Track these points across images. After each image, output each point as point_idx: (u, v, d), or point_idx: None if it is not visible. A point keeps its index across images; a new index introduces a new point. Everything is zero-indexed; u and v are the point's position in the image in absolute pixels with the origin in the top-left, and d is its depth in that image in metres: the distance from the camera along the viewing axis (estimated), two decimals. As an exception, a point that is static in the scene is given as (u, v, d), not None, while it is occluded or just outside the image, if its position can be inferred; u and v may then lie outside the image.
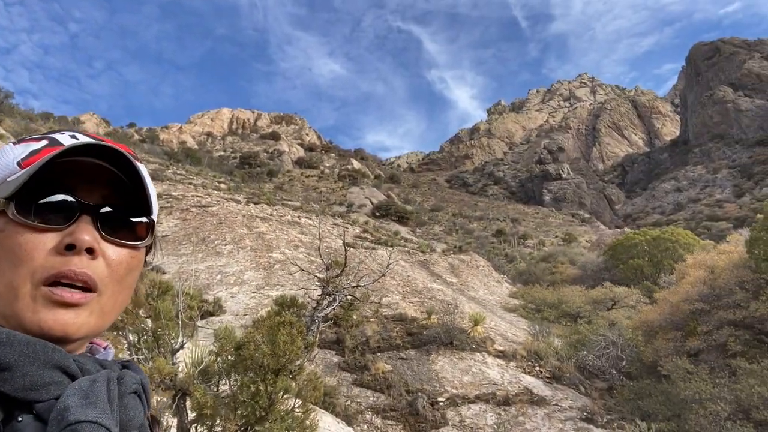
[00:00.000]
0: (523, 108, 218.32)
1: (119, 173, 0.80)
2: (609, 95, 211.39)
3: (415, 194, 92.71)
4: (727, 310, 12.49)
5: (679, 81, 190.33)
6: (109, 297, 0.76)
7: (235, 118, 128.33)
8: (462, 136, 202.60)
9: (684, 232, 27.33)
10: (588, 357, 13.57)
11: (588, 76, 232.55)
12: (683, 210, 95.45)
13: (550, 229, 77.00)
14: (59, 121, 55.27)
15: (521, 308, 21.22)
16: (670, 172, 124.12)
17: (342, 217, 37.49)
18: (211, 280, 16.82)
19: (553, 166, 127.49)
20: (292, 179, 70.21)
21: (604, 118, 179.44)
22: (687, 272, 15.18)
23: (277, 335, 3.51)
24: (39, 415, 0.65)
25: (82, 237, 0.73)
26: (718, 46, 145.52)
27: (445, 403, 10.97)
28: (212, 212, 24.03)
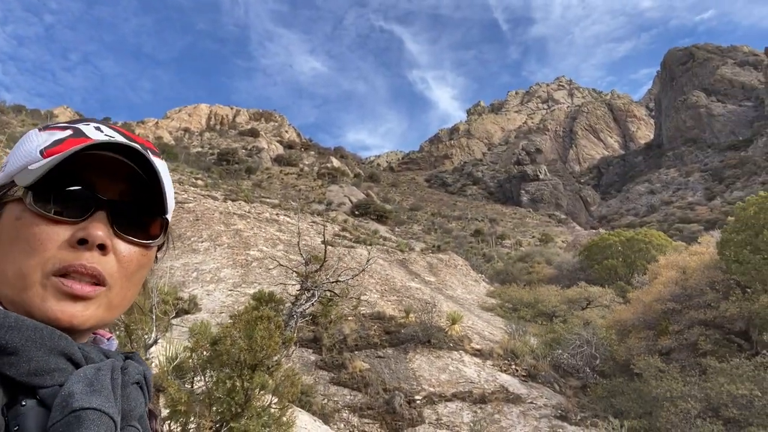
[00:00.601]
0: (502, 109, 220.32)
1: (138, 170, 0.79)
2: (586, 98, 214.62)
3: (394, 193, 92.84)
4: (698, 309, 12.79)
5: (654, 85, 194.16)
6: (117, 292, 0.76)
7: (213, 114, 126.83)
8: (442, 136, 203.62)
9: (657, 234, 27.88)
10: (563, 356, 13.76)
11: (566, 79, 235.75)
12: (656, 212, 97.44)
13: (527, 229, 77.84)
14: (32, 114, 53.95)
15: (498, 307, 21.41)
16: (644, 175, 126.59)
17: (321, 215, 37.36)
18: (187, 278, 16.60)
19: (530, 167, 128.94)
20: (270, 177, 69.64)
21: (581, 120, 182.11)
22: (659, 272, 15.50)
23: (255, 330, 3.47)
24: (42, 401, 0.65)
25: (95, 233, 0.73)
26: (693, 52, 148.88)
27: (422, 401, 11.00)
28: (189, 209, 23.71)
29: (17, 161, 0.78)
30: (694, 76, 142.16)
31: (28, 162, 0.76)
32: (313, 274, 12.25)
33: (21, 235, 0.72)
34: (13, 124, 37.07)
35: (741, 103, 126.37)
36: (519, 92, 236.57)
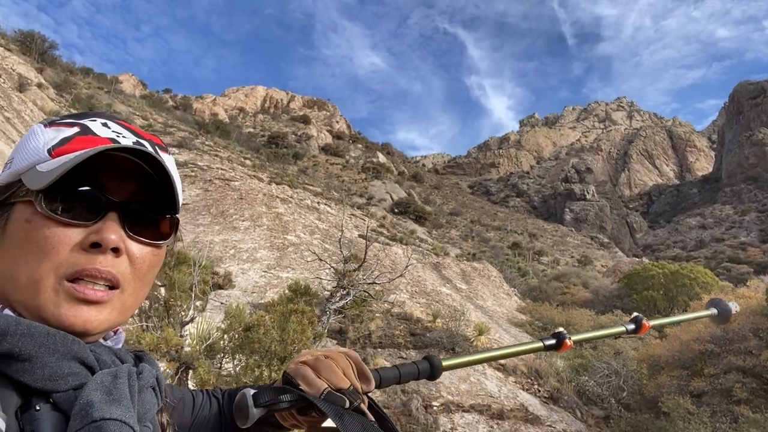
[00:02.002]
0: (556, 124, 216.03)
1: (149, 169, 0.79)
2: (646, 122, 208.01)
3: (436, 196, 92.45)
4: (737, 355, 12.23)
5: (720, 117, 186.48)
6: (130, 293, 0.75)
7: (268, 96, 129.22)
8: (491, 144, 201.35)
9: (703, 271, 26.80)
10: (589, 383, 13.41)
11: (627, 101, 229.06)
12: (705, 248, 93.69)
13: (566, 248, 76.22)
14: (98, 78, 56.14)
15: (528, 324, 21.04)
16: (697, 208, 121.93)
17: (361, 209, 37.57)
18: (225, 254, 16.99)
19: (578, 186, 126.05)
20: (316, 164, 70.47)
21: (638, 144, 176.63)
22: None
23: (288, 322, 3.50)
24: (57, 405, 0.65)
25: (109, 236, 0.72)
26: (765, 87, 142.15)
27: (439, 408, 10.94)
28: (234, 187, 24.24)
29: (24, 159, 0.76)
30: (763, 112, 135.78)
31: (36, 161, 0.74)
32: (351, 273, 12.32)
33: (32, 239, 0.71)
34: (79, 85, 38.67)
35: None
36: (576, 108, 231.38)
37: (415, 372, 1.00)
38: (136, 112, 42.93)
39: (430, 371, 1.02)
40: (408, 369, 0.99)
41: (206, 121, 68.98)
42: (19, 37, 33.80)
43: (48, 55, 38.00)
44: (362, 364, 0.88)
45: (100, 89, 45.99)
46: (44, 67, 31.80)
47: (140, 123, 37.62)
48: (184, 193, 22.36)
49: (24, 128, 14.93)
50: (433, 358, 1.02)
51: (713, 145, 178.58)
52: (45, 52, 37.33)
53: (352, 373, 0.85)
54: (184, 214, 20.12)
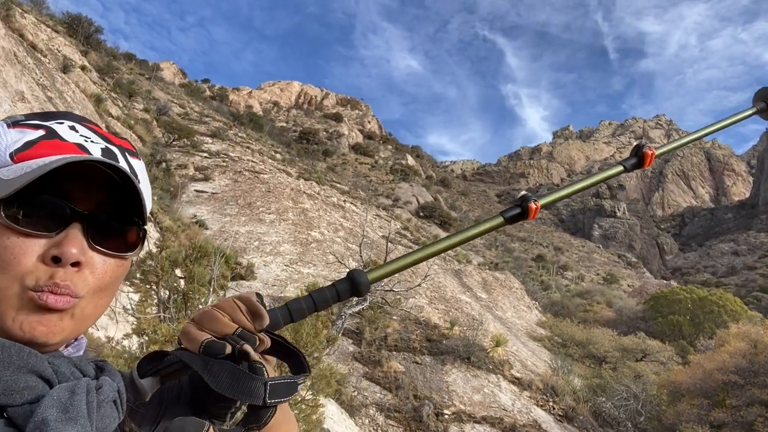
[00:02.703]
0: (591, 138, 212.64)
1: (116, 177, 0.75)
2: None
3: (462, 202, 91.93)
4: (762, 388, 11.84)
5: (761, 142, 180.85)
6: (89, 302, 0.73)
7: (303, 92, 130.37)
8: (522, 154, 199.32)
9: (733, 299, 26.03)
10: (606, 404, 13.15)
11: (666, 119, 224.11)
12: (736, 275, 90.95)
13: (592, 265, 74.94)
14: (140, 64, 57.42)
15: (547, 339, 20.74)
16: (731, 234, 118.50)
17: (386, 210, 37.58)
18: (249, 245, 17.17)
19: (609, 202, 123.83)
20: (345, 163, 70.81)
21: (674, 164, 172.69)
22: (728, 341, 14.46)
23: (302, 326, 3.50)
24: (11, 420, 0.62)
25: (69, 251, 0.69)
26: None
27: (450, 416, 10.85)
28: (263, 179, 24.50)
29: None
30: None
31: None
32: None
33: None
34: (121, 70, 39.62)
35: None
36: (612, 123, 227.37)
37: (333, 295, 0.88)
38: (174, 99, 43.76)
39: (352, 289, 0.89)
40: (323, 294, 0.88)
41: (241, 112, 69.96)
42: (66, 19, 34.75)
43: (93, 39, 39.01)
44: (253, 303, 0.81)
45: (141, 75, 47.03)
46: (89, 50, 32.66)
47: (177, 111, 38.35)
48: (214, 182, 22.73)
49: (65, 108, 15.36)
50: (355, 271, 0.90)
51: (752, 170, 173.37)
52: (90, 36, 38.34)
53: (241, 315, 0.79)
54: (212, 203, 20.43)
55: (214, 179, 23.27)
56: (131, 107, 29.07)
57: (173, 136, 27.58)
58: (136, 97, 33.15)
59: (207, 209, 19.69)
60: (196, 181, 22.59)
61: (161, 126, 28.66)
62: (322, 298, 0.89)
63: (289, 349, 0.86)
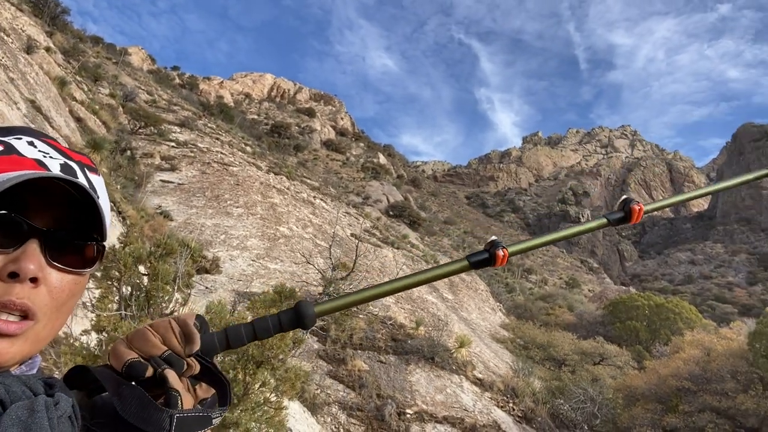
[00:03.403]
0: (558, 144, 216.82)
1: (75, 193, 0.74)
2: (647, 153, 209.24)
3: (432, 202, 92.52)
4: (713, 395, 12.28)
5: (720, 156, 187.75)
6: (45, 325, 0.71)
7: (276, 85, 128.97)
8: (492, 158, 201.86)
9: (688, 307, 26.93)
10: (563, 406, 13.43)
11: (631, 129, 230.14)
12: (692, 283, 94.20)
13: (556, 269, 76.47)
14: (107, 48, 55.83)
15: (509, 341, 21.06)
16: (689, 243, 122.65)
17: (356, 207, 37.52)
18: (215, 239, 16.90)
19: (574, 208, 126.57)
20: (316, 159, 70.37)
21: (637, 173, 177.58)
22: (683, 348, 14.96)
23: None
24: None
25: (27, 266, 0.67)
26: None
27: (412, 416, 10.91)
28: (232, 172, 24.14)
29: None
30: (763, 155, 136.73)
31: None
32: (338, 281, 12.25)
33: None
34: (88, 53, 38.42)
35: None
36: (580, 131, 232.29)
37: (276, 324, 0.86)
38: (142, 86, 42.71)
39: (296, 320, 0.87)
40: (264, 323, 0.86)
41: (211, 103, 68.74)
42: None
43: (59, 20, 37.73)
44: (188, 326, 0.79)
45: (108, 59, 45.73)
46: (54, 31, 31.57)
47: (145, 98, 37.44)
48: (181, 173, 22.29)
49: (28, 91, 14.81)
50: (302, 303, 0.88)
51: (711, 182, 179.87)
52: (57, 17, 37.06)
53: (172, 337, 0.78)
54: (179, 194, 20.02)
55: (181, 170, 22.80)
56: (96, 92, 28.23)
57: (139, 123, 26.89)
58: (102, 81, 32.22)
59: (172, 200, 19.28)
60: (162, 170, 22.09)
61: (127, 112, 27.90)
62: (264, 327, 0.86)
63: (219, 378, 0.84)
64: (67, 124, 17.43)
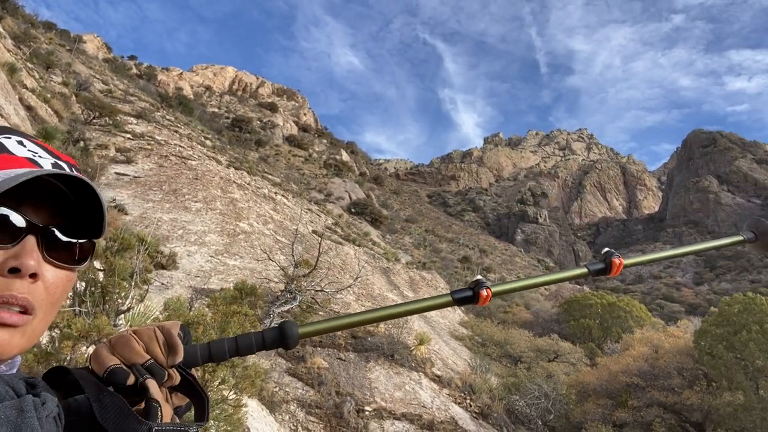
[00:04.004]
0: (518, 146, 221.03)
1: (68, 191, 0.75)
2: (602, 156, 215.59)
3: (394, 201, 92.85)
4: (660, 391, 12.78)
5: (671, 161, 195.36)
6: (41, 319, 0.72)
7: (238, 78, 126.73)
8: (454, 157, 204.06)
9: (638, 305, 27.93)
10: (519, 402, 13.72)
11: (587, 133, 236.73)
12: (643, 283, 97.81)
13: (514, 268, 78.00)
14: (61, 35, 53.63)
15: (468, 339, 21.36)
16: (640, 244, 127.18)
17: (318, 204, 37.29)
18: (172, 234, 16.49)
19: (532, 208, 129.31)
20: (278, 154, 69.52)
21: (592, 176, 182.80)
22: (632, 345, 15.50)
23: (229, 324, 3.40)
24: None
25: (28, 262, 0.68)
26: (716, 138, 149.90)
27: (371, 413, 10.94)
28: (191, 166, 23.61)
29: None
30: (711, 161, 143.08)
31: None
32: (300, 278, 12.15)
33: None
34: (40, 39, 36.83)
35: (750, 198, 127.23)
36: (539, 133, 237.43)
37: (259, 342, 0.88)
38: (97, 75, 41.26)
39: (281, 340, 0.89)
40: (248, 340, 0.88)
41: (170, 94, 66.96)
42: (-21, -22, 31.90)
43: (9, 4, 36.00)
44: (172, 336, 0.81)
45: (62, 46, 43.93)
46: (4, 15, 30.12)
47: (99, 87, 36.18)
48: (137, 166, 21.65)
49: (-28, 75, 14.08)
50: (287, 324, 0.91)
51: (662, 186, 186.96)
52: (6, 0, 35.37)
53: (156, 347, 0.79)
54: (134, 187, 19.44)
55: (137, 162, 22.15)
56: (49, 80, 27.09)
57: (94, 113, 25.95)
58: (55, 69, 30.92)
59: (128, 193, 18.70)
60: (117, 163, 21.39)
61: (81, 102, 26.88)
62: (247, 344, 0.87)
63: (197, 392, 0.85)
64: (17, 113, 16.67)
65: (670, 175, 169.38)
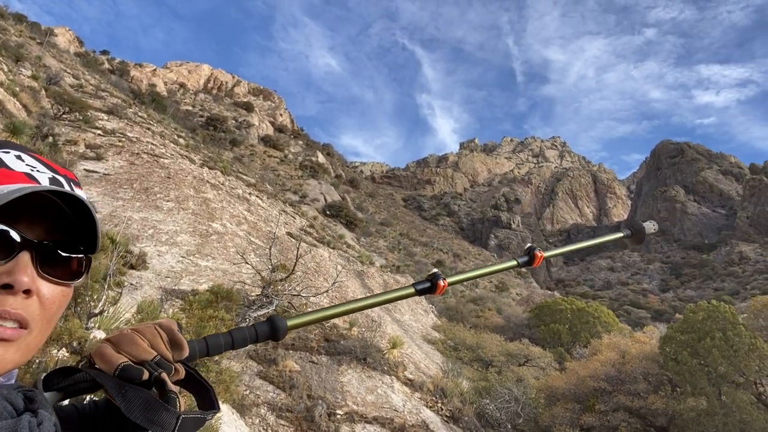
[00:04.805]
0: (493, 152, 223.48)
1: (65, 207, 0.76)
2: (574, 164, 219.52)
3: (369, 204, 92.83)
4: (627, 395, 13.07)
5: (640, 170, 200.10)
6: (36, 335, 0.73)
7: (213, 77, 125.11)
8: (430, 162, 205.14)
9: (606, 311, 28.49)
10: (489, 406, 13.85)
11: (560, 141, 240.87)
12: (611, 289, 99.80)
13: (486, 273, 78.62)
14: (31, 27, 52.22)
15: (440, 342, 21.48)
16: (608, 251, 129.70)
17: (293, 206, 37.05)
18: (143, 233, 16.19)
19: (506, 214, 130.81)
20: (253, 154, 68.85)
21: (564, 183, 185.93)
22: (600, 350, 15.80)
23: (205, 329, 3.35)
24: None
25: (21, 278, 0.69)
26: (683, 149, 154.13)
27: (342, 416, 10.90)
28: (163, 164, 23.22)
29: None
30: (678, 171, 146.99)
31: None
32: (277, 283, 12.04)
33: None
34: (9, 32, 35.81)
35: (715, 208, 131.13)
36: (513, 140, 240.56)
37: (252, 335, 0.94)
38: (68, 69, 40.27)
39: (271, 333, 0.95)
40: (242, 333, 0.93)
41: (143, 91, 65.77)
42: (-55, -34, 30.89)
43: (-24, -7, 34.93)
44: (174, 333, 0.83)
45: (32, 39, 42.76)
46: (-30, 4, 29.22)
47: (70, 81, 35.32)
48: (107, 163, 21.20)
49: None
50: (276, 317, 0.97)
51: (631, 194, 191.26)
52: (-27, -11, 34.29)
53: (160, 343, 0.81)
54: (104, 185, 19.03)
55: (108, 159, 21.68)
56: (18, 73, 26.33)
57: (64, 108, 25.32)
58: (24, 62, 30.08)
59: (97, 191, 18.29)
60: (86, 159, 20.91)
61: (50, 96, 26.21)
62: (241, 337, 0.93)
63: (201, 384, 0.86)
64: (-19, 105, 16.16)
65: (639, 184, 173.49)
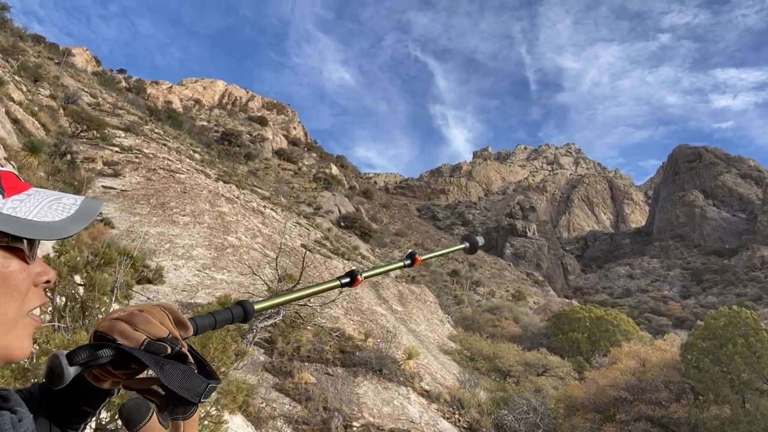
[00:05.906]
0: (507, 160, 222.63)
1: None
2: (590, 170, 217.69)
3: (383, 214, 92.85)
4: (648, 404, 12.82)
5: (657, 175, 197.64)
6: None
7: (228, 92, 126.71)
8: (443, 171, 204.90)
9: (626, 319, 28.05)
10: (507, 417, 13.67)
11: (575, 147, 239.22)
12: (630, 296, 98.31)
13: (503, 282, 78.11)
14: (50, 48, 53.46)
15: (457, 353, 21.31)
16: (628, 258, 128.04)
17: (307, 218, 37.21)
18: (159, 247, 16.36)
19: (521, 222, 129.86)
20: (267, 168, 69.40)
21: (580, 190, 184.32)
22: (620, 359, 15.55)
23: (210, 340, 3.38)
24: None
25: (54, 274, 0.77)
26: (701, 153, 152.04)
27: (359, 428, 10.84)
28: (179, 179, 23.51)
29: None
30: (696, 176, 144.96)
31: None
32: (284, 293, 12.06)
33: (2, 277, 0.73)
34: (28, 52, 36.69)
35: (735, 213, 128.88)
36: (527, 148, 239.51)
37: (229, 317, 1.07)
38: (85, 88, 41.09)
39: (243, 315, 1.09)
40: (223, 315, 1.05)
41: (159, 107, 66.84)
42: (-33, -8, 31.82)
43: (-3, 16, 35.90)
44: (178, 313, 0.89)
45: (51, 60, 43.80)
46: (-9, 27, 30.03)
47: (88, 100, 36.02)
48: (125, 179, 21.54)
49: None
50: (245, 302, 1.10)
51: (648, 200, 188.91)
52: (-6, 12, 35.28)
53: (169, 322, 0.86)
54: (121, 201, 19.31)
55: (125, 176, 22.02)
56: (36, 93, 26.95)
57: (81, 126, 25.82)
58: (43, 82, 30.80)
59: (115, 207, 18.57)
60: (104, 176, 21.27)
61: (69, 115, 26.75)
62: (222, 318, 1.04)
63: (197, 358, 0.91)
64: (3, 126, 16.55)
65: (656, 190, 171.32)
